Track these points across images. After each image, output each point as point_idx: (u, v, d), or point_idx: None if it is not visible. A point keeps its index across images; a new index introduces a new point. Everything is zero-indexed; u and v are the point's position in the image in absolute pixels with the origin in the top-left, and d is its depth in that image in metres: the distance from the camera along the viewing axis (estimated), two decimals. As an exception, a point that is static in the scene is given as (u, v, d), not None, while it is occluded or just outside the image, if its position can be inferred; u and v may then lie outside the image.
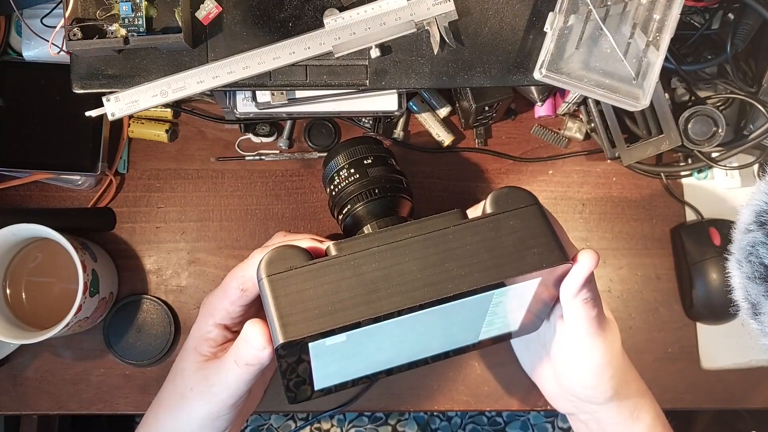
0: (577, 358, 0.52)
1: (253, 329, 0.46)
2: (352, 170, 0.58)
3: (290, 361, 0.44)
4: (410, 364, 0.52)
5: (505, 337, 0.55)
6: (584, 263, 0.47)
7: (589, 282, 0.49)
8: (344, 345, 0.44)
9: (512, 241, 0.45)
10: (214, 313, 0.53)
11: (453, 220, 0.46)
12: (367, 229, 0.54)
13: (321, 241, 0.50)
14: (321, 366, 0.46)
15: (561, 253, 0.46)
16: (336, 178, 0.59)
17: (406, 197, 0.59)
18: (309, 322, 0.42)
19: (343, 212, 0.58)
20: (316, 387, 0.49)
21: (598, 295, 0.50)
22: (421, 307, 0.43)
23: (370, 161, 0.59)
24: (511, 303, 0.49)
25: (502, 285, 0.45)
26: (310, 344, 0.43)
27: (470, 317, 0.49)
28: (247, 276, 0.51)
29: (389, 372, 0.51)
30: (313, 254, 0.45)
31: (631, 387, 0.56)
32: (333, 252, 0.45)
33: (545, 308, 0.53)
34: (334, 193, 0.59)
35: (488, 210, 0.47)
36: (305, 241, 0.49)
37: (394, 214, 0.56)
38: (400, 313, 0.43)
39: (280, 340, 0.42)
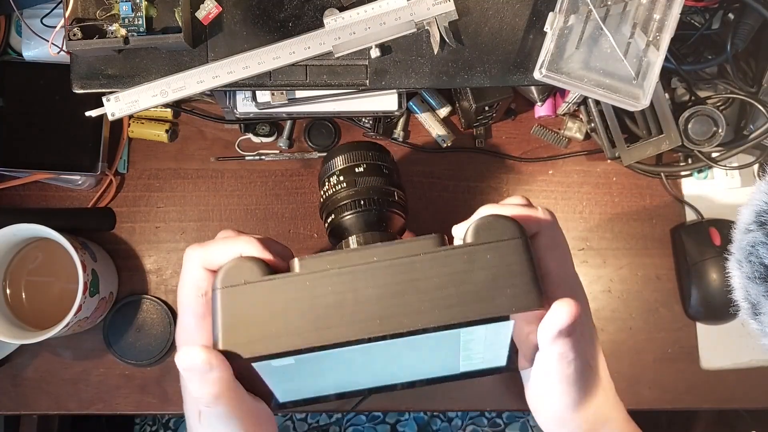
0: (544, 403, 0.48)
1: (183, 357, 0.41)
2: (342, 177, 0.55)
3: (243, 373, 0.42)
4: (387, 387, 0.48)
5: (496, 371, 0.50)
6: (556, 314, 0.41)
7: (569, 336, 0.42)
8: (296, 367, 0.42)
9: (484, 278, 0.41)
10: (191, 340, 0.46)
11: (426, 247, 0.42)
12: (349, 242, 0.51)
13: (272, 245, 0.45)
14: (277, 382, 0.44)
15: (535, 297, 0.40)
16: (326, 182, 0.56)
17: (397, 212, 0.55)
18: (251, 343, 0.40)
19: (328, 221, 0.55)
20: (281, 400, 0.47)
21: (580, 353, 0.44)
22: (369, 340, 0.40)
23: (362, 169, 0.55)
24: (487, 340, 0.44)
25: (465, 326, 0.41)
26: (253, 364, 0.41)
27: (440, 351, 0.45)
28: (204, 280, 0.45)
29: (362, 393, 0.48)
30: (275, 266, 0.43)
31: (606, 428, 0.50)
32: (296, 268, 0.42)
33: (534, 348, 0.47)
34: (322, 199, 0.56)
35: (468, 239, 0.42)
36: (253, 246, 0.44)
37: (382, 230, 0.53)
38: (347, 344, 0.40)
39: (220, 347, 0.40)
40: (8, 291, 0.68)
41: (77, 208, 0.72)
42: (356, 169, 0.55)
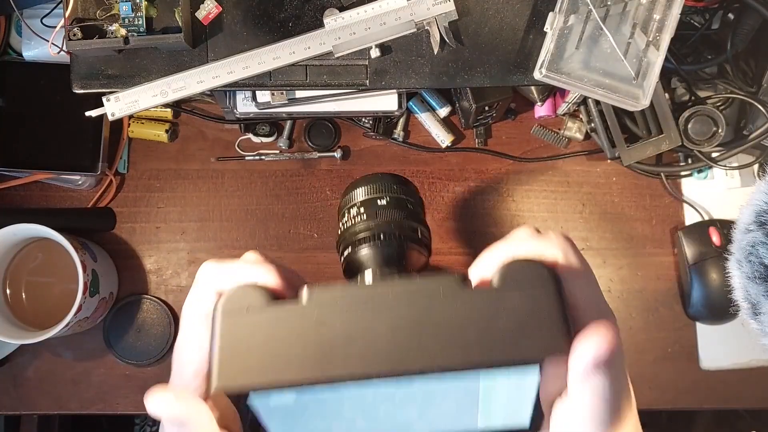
0: None
1: (148, 404, 0.39)
2: (362, 209, 0.52)
3: (243, 412, 0.40)
4: None
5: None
6: (592, 339, 0.36)
7: (609, 368, 0.36)
8: (295, 410, 0.40)
9: (510, 323, 0.38)
10: (182, 374, 0.44)
11: (448, 287, 0.39)
12: (364, 275, 0.48)
13: (287, 273, 0.43)
14: (278, 428, 0.41)
15: (563, 343, 0.37)
16: (346, 214, 0.53)
17: (419, 249, 0.51)
18: (247, 373, 0.37)
19: (345, 254, 0.51)
20: None
21: (614, 390, 0.38)
22: (378, 377, 0.37)
23: (384, 202, 0.52)
24: (510, 393, 0.41)
25: (483, 367, 0.38)
26: (253, 399, 0.38)
27: (456, 401, 0.42)
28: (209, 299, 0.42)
29: None
30: (282, 294, 0.41)
31: None
32: (304, 297, 0.39)
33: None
34: (340, 231, 0.53)
35: (495, 283, 0.40)
36: (271, 276, 0.42)
37: (401, 266, 0.50)
38: (352, 380, 0.37)
39: (215, 384, 0.37)
40: (8, 291, 0.68)
41: (77, 208, 0.72)
42: (378, 201, 0.52)
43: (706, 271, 0.70)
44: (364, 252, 0.50)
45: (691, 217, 0.74)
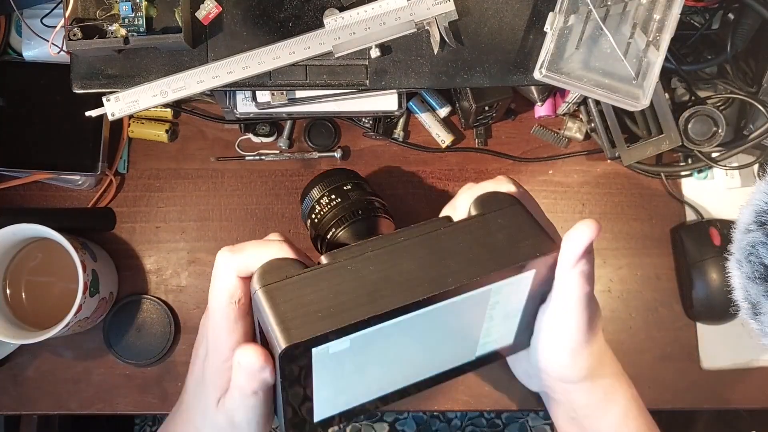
0: (557, 334, 0.51)
1: (244, 353, 0.43)
2: (333, 196, 0.60)
3: (292, 379, 0.43)
4: (409, 389, 0.50)
5: (500, 355, 0.54)
6: (584, 232, 0.46)
7: (588, 253, 0.47)
8: (347, 354, 0.43)
9: (503, 237, 0.45)
10: (219, 350, 0.48)
11: (442, 223, 0.46)
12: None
13: (300, 254, 0.47)
14: (322, 386, 0.45)
15: (552, 243, 0.46)
16: (317, 206, 0.60)
17: (387, 217, 0.59)
18: (312, 324, 0.41)
19: (327, 237, 0.58)
20: (317, 417, 0.47)
21: (593, 272, 0.49)
22: (425, 302, 0.42)
23: (349, 187, 0.61)
24: (507, 305, 0.48)
25: (499, 278, 0.45)
26: (313, 351, 0.41)
27: (468, 324, 0.48)
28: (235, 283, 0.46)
29: (387, 400, 0.50)
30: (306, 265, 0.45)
31: (606, 368, 0.55)
32: (325, 261, 0.44)
33: (533, 318, 0.52)
34: (316, 221, 0.60)
35: (474, 212, 0.47)
36: (285, 251, 0.46)
37: (378, 235, 0.55)
38: (405, 310, 0.42)
39: (283, 345, 0.40)
40: (8, 291, 0.68)
41: (77, 208, 0.73)
42: (344, 187, 0.61)
43: (706, 271, 0.70)
44: (347, 229, 0.58)
45: (691, 217, 0.74)
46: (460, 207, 0.50)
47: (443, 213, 0.51)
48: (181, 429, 0.54)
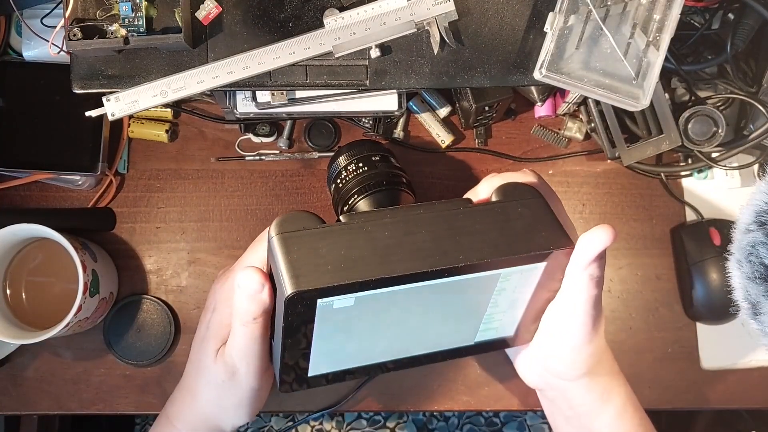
0: (561, 332, 0.53)
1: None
2: (361, 164, 0.60)
3: (294, 326, 0.44)
4: (405, 362, 0.51)
5: (500, 344, 0.54)
6: (600, 237, 0.47)
7: (601, 259, 0.48)
8: (350, 313, 0.44)
9: (521, 225, 0.46)
10: (229, 302, 0.52)
11: (463, 203, 0.47)
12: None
13: None
14: (321, 340, 0.45)
15: (568, 239, 0.47)
16: (343, 172, 0.60)
17: (410, 193, 0.60)
18: (321, 276, 0.42)
19: (349, 203, 0.58)
20: (311, 372, 0.48)
21: (603, 277, 0.50)
22: (433, 274, 0.43)
23: (377, 158, 0.61)
24: (513, 294, 0.49)
25: (510, 264, 0.45)
26: (318, 302, 0.42)
27: (472, 306, 0.49)
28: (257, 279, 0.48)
29: (383, 368, 0.51)
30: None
31: (604, 368, 0.56)
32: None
33: (539, 314, 0.52)
34: (340, 186, 0.60)
35: (495, 199, 0.48)
36: None
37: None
38: (412, 278, 0.43)
39: (290, 290, 0.41)
40: (8, 291, 0.68)
41: (77, 208, 0.73)
42: (373, 158, 0.61)
43: (706, 271, 0.70)
44: (369, 198, 0.57)
45: (691, 217, 0.74)
46: (481, 193, 0.52)
47: (468, 194, 0.53)
48: (179, 400, 0.57)
